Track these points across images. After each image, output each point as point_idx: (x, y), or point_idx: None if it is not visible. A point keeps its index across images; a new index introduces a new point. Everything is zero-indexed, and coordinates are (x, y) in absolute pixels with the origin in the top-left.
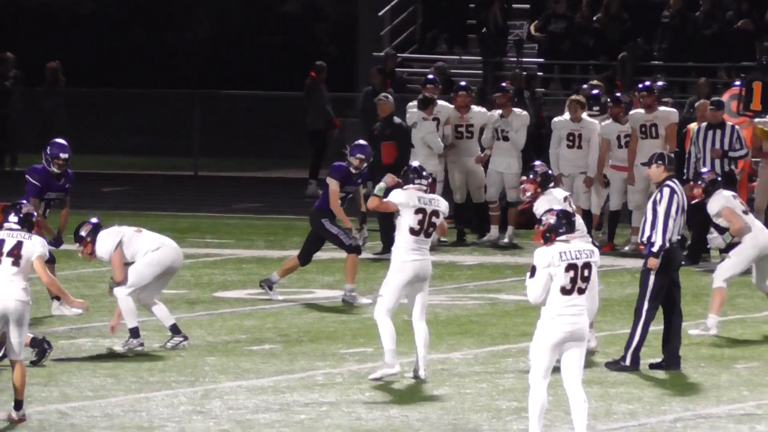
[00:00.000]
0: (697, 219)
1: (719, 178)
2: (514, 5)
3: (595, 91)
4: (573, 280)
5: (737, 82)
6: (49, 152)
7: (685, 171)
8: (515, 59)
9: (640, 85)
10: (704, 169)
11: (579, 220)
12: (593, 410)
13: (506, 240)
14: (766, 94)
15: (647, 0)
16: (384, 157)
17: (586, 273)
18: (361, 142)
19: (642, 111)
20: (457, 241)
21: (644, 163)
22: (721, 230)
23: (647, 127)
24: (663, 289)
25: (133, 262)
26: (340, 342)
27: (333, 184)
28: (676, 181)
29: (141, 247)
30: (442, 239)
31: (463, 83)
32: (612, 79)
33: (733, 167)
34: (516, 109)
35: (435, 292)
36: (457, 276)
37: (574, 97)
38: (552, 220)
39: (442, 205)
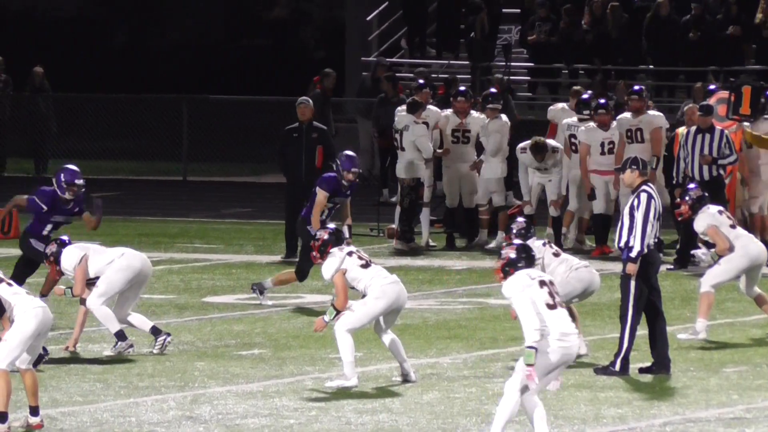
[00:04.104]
0: (686, 223)
1: (706, 194)
2: (504, 10)
3: (585, 96)
4: (551, 295)
5: (711, 86)
6: (63, 179)
7: (674, 175)
8: (503, 63)
9: (636, 87)
10: (691, 185)
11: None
12: (582, 414)
13: (493, 245)
14: (755, 98)
15: (636, 4)
16: (318, 162)
17: (555, 288)
18: (350, 153)
19: (628, 115)
20: (447, 245)
21: (618, 169)
22: (710, 245)
23: (633, 132)
24: (645, 293)
25: (97, 278)
26: (329, 346)
27: (321, 195)
28: (651, 185)
29: (105, 258)
30: (431, 244)
31: (462, 88)
32: (603, 83)
33: (721, 172)
34: (475, 114)
35: (424, 296)
36: (446, 281)
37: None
38: (512, 254)
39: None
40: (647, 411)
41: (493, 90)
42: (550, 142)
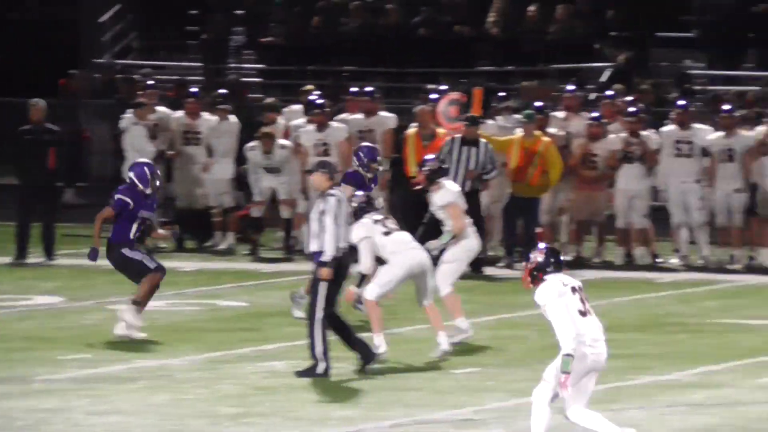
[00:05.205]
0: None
1: (444, 167)
2: (235, 11)
3: (312, 97)
4: (582, 301)
5: (442, 87)
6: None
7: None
8: (236, 65)
9: (367, 89)
10: (429, 156)
11: None
12: (309, 416)
13: (224, 246)
14: (485, 100)
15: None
16: (51, 162)
17: (584, 294)
18: (371, 144)
19: (361, 117)
20: (177, 247)
21: (308, 171)
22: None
23: (364, 133)
24: (335, 295)
25: None
26: (58, 348)
27: (348, 191)
28: (340, 189)
29: None
30: (162, 245)
31: (193, 90)
32: (337, 87)
33: (478, 187)
34: (206, 116)
35: (155, 297)
36: (176, 282)
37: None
38: (540, 258)
39: None
40: (376, 413)
41: (222, 91)
42: (279, 140)
